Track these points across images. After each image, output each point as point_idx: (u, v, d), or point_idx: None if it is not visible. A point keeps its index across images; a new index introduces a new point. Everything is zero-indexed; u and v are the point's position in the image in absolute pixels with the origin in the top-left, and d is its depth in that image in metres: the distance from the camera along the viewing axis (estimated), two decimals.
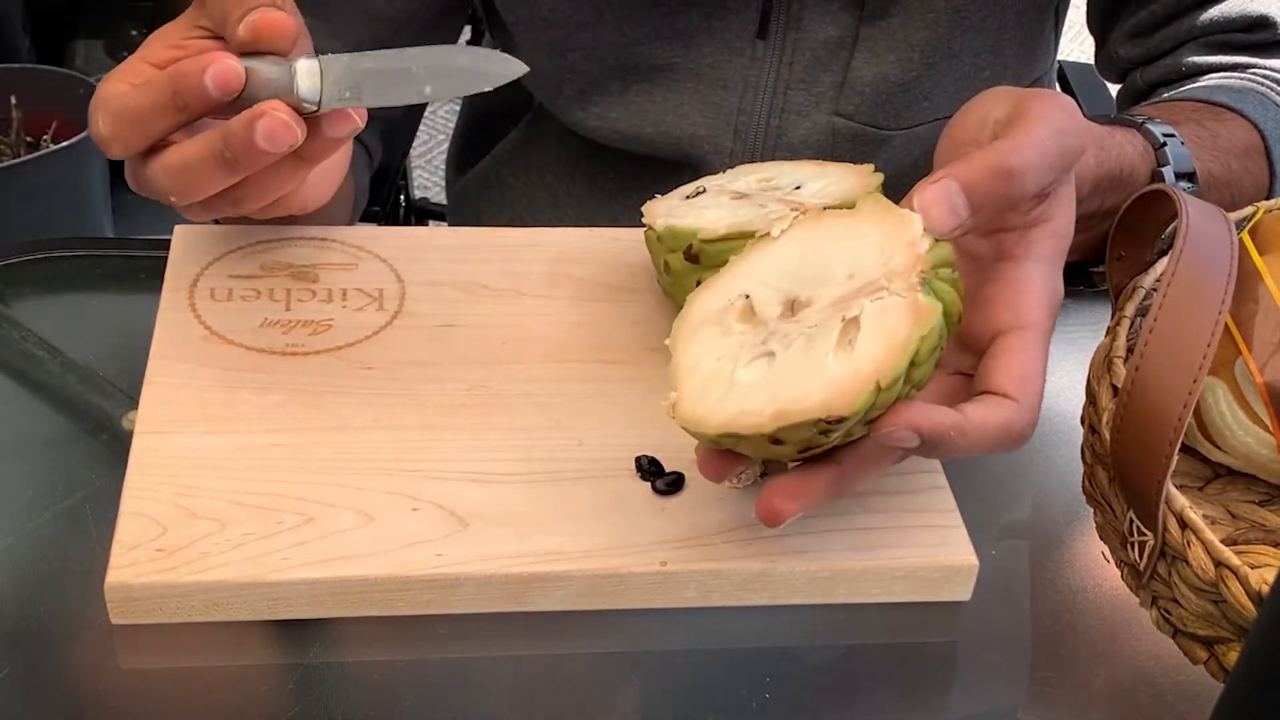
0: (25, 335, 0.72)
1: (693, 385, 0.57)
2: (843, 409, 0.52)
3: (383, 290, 0.72)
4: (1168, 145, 0.75)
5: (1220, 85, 0.85)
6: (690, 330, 0.59)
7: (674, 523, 0.61)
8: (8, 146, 1.69)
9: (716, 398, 0.56)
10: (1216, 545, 0.53)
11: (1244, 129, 0.81)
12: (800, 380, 0.54)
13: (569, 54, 0.88)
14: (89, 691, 0.57)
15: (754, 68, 0.87)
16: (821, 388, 0.53)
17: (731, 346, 0.57)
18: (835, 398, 0.53)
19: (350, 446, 0.63)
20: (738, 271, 0.59)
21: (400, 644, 0.59)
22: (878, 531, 0.62)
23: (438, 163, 2.48)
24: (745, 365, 0.56)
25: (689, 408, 0.56)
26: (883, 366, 0.53)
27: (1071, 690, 0.60)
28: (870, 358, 0.53)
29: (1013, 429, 0.56)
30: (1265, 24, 0.88)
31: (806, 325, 0.56)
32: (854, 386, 0.53)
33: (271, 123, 0.58)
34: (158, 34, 0.66)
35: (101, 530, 0.59)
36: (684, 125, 0.89)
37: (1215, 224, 0.61)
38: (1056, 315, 0.60)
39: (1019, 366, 0.57)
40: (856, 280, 0.56)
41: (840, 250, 0.57)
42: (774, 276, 0.58)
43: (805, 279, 0.57)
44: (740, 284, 0.59)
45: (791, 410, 0.53)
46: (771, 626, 0.61)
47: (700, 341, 0.58)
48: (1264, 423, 0.62)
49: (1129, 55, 0.93)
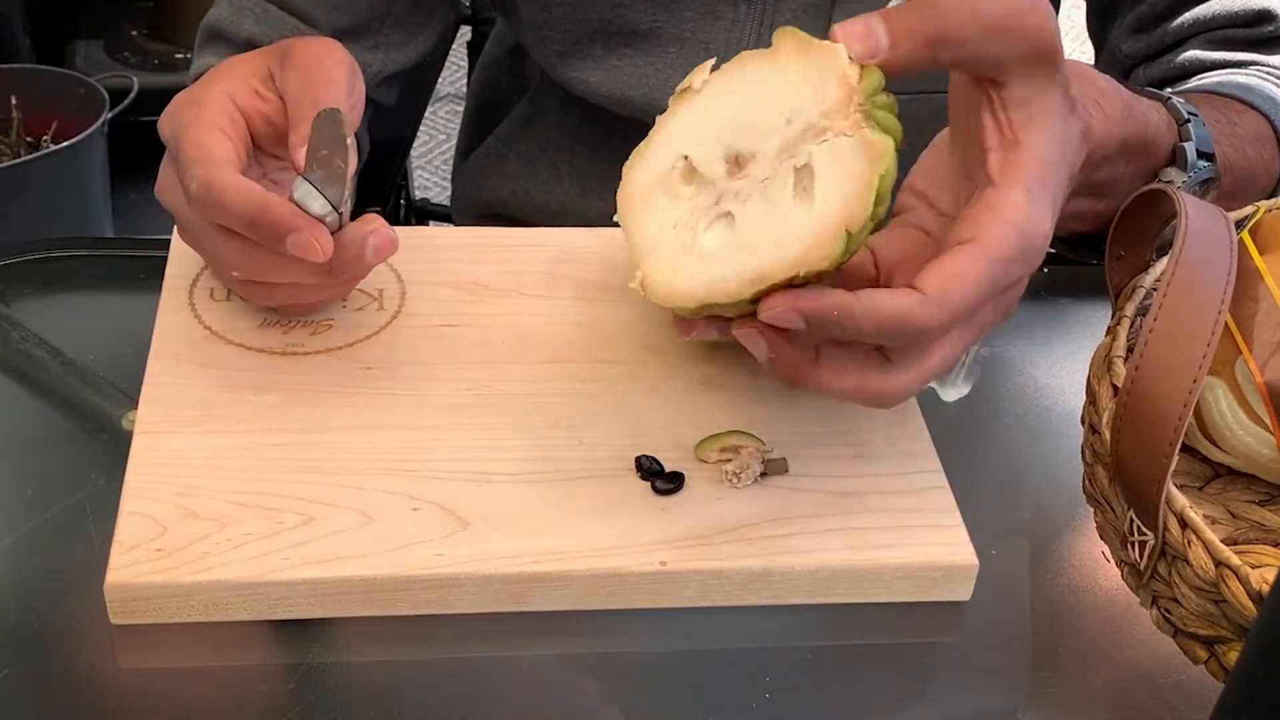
0: (25, 335, 0.72)
1: (658, 257, 0.56)
2: (820, 262, 0.52)
3: (383, 290, 0.72)
4: (1191, 123, 0.74)
5: (1228, 80, 0.85)
6: (637, 203, 0.58)
7: (674, 523, 0.61)
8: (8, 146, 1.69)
9: (686, 269, 0.55)
10: (1217, 545, 0.53)
11: (1256, 119, 0.81)
12: (768, 239, 0.54)
13: (553, 8, 0.88)
14: (89, 691, 0.57)
15: (736, 29, 0.88)
16: (793, 243, 0.53)
17: (684, 211, 0.56)
18: (810, 252, 0.53)
19: (350, 446, 0.63)
20: (668, 133, 0.58)
21: (400, 644, 0.59)
22: (878, 531, 0.62)
23: (438, 163, 2.48)
24: (706, 229, 0.56)
25: (660, 281, 0.56)
26: (851, 210, 0.52)
27: (1071, 690, 0.60)
28: (835, 204, 0.53)
29: (912, 319, 0.55)
30: (1267, 17, 0.88)
31: (757, 179, 0.55)
32: (826, 237, 0.53)
33: (380, 239, 0.62)
34: (238, 67, 0.69)
35: (101, 530, 0.59)
36: (666, 88, 0.89)
37: (1215, 224, 0.61)
38: (1032, 245, 0.57)
39: (945, 268, 0.56)
40: (796, 124, 0.55)
41: (770, 95, 0.56)
42: (708, 132, 0.57)
43: (741, 130, 0.56)
44: (675, 145, 0.58)
45: (769, 272, 0.53)
46: (771, 626, 0.61)
47: (651, 211, 0.57)
48: (1264, 423, 0.62)
49: (1131, 50, 0.93)
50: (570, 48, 0.90)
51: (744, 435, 0.64)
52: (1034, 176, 0.58)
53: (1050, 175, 0.58)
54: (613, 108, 0.91)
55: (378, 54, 0.88)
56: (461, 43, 1.67)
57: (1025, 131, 0.58)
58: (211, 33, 0.86)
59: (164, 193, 0.68)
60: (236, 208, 0.61)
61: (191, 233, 0.66)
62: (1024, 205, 0.57)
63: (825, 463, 0.65)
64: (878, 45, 0.55)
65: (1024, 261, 0.58)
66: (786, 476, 0.64)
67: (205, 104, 0.66)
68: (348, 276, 0.65)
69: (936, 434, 0.67)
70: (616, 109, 0.91)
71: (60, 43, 1.99)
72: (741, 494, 0.63)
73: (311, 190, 0.61)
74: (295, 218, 0.60)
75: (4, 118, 1.68)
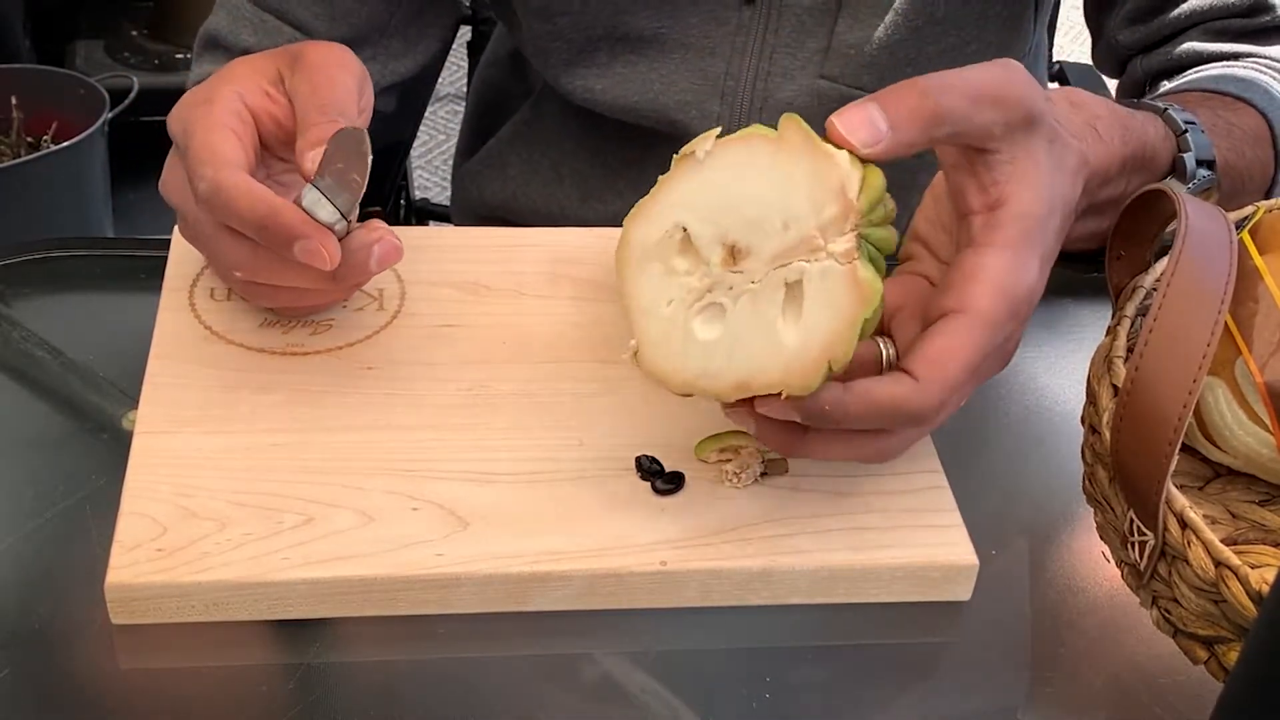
0: (25, 335, 0.72)
1: (650, 332, 0.60)
2: (799, 389, 0.56)
3: (383, 290, 0.72)
4: (1189, 132, 0.74)
5: (1225, 74, 0.85)
6: (634, 265, 0.61)
7: (674, 523, 0.61)
8: (8, 146, 1.69)
9: (677, 353, 0.59)
10: (1217, 545, 0.53)
11: (1253, 117, 0.81)
12: (755, 351, 0.57)
13: (557, 19, 0.88)
14: (89, 691, 0.57)
15: (740, 34, 0.88)
16: (777, 365, 0.57)
17: (679, 290, 0.60)
18: (791, 376, 0.56)
19: (350, 446, 0.63)
20: (669, 196, 0.60)
21: (400, 644, 0.59)
22: (878, 531, 0.62)
23: (438, 163, 2.48)
24: (698, 316, 0.59)
25: (651, 358, 0.60)
26: (834, 347, 0.56)
27: (1071, 690, 0.60)
28: (819, 336, 0.56)
29: (905, 406, 0.56)
30: (1264, 7, 0.88)
31: (750, 280, 0.58)
32: (807, 365, 0.56)
33: (386, 248, 0.62)
34: (248, 67, 0.69)
35: (101, 530, 0.59)
36: (671, 93, 0.89)
37: (1215, 224, 0.61)
38: (1020, 303, 0.58)
39: (935, 348, 0.57)
40: (792, 232, 0.57)
41: (770, 190, 0.58)
42: (707, 208, 0.59)
43: (740, 221, 0.58)
44: (675, 213, 0.60)
45: (751, 384, 0.57)
46: (771, 626, 0.61)
47: (647, 279, 0.61)
48: (1264, 423, 0.62)
49: (1128, 41, 0.93)
50: (575, 56, 0.90)
51: (744, 435, 0.64)
52: (1017, 234, 0.59)
53: (1037, 230, 0.59)
54: (617, 115, 0.91)
55: (376, 64, 0.88)
56: (461, 43, 1.67)
57: (1009, 189, 0.59)
58: (209, 41, 0.87)
59: (168, 188, 0.68)
60: (245, 210, 0.61)
61: (195, 230, 0.66)
62: (1006, 266, 0.58)
63: (825, 463, 0.65)
64: (879, 133, 0.56)
65: (1013, 320, 0.59)
66: (786, 476, 0.64)
67: (215, 103, 0.66)
68: (351, 283, 0.65)
69: (936, 434, 0.67)
70: (621, 116, 0.91)
71: (60, 43, 1.99)
72: (741, 494, 0.63)
73: (320, 198, 0.61)
74: (304, 224, 0.60)
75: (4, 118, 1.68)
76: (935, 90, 0.57)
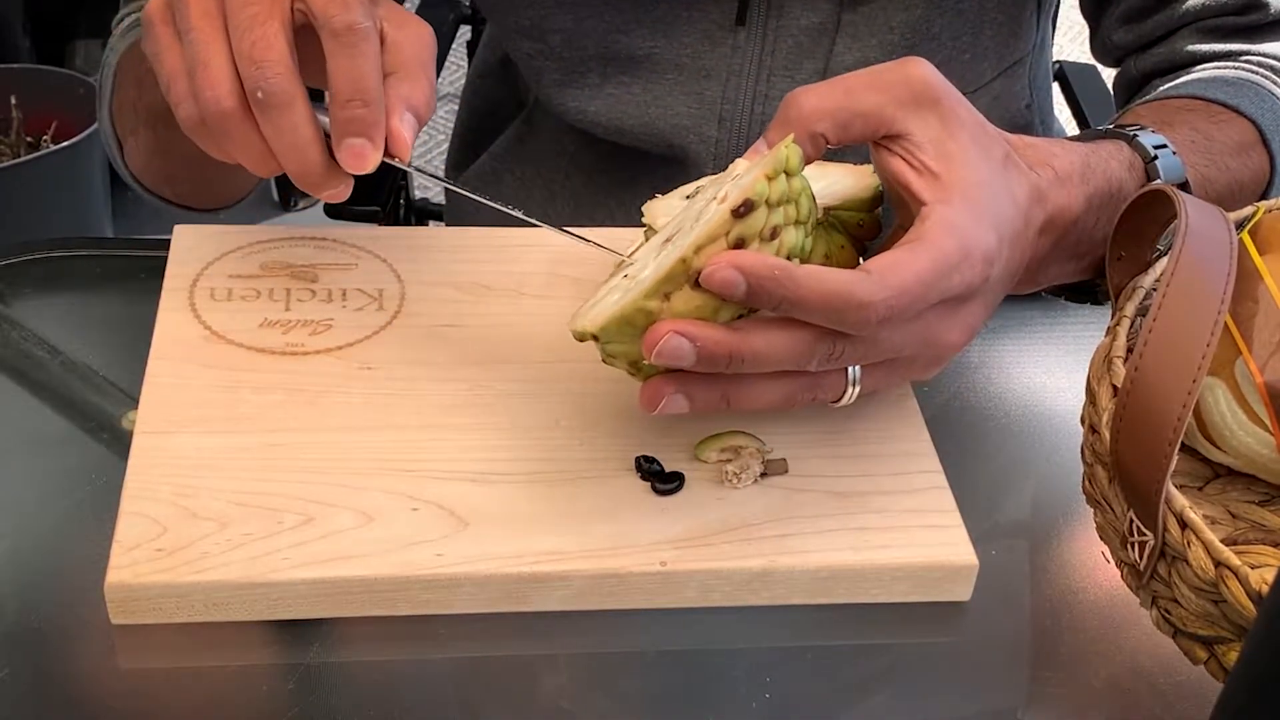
0: (25, 335, 0.72)
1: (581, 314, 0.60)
2: (702, 239, 0.55)
3: (383, 290, 0.72)
4: (1159, 158, 0.74)
5: (1215, 79, 0.84)
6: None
7: (674, 523, 0.61)
8: (8, 146, 1.69)
9: (597, 299, 0.59)
10: (1216, 545, 0.53)
11: (1239, 126, 0.81)
12: (664, 257, 0.57)
13: (549, 36, 0.88)
14: (89, 691, 0.57)
15: (736, 56, 0.87)
16: (687, 245, 0.56)
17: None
18: (697, 239, 0.55)
19: (350, 446, 0.63)
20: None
21: (400, 644, 0.59)
22: (878, 531, 0.62)
23: (438, 163, 2.48)
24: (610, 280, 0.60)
25: (574, 323, 0.59)
26: (732, 198, 0.55)
27: (1071, 690, 0.60)
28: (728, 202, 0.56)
29: (853, 295, 0.56)
30: (1256, 5, 0.88)
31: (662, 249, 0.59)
32: (712, 225, 0.55)
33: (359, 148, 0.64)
34: None
35: (101, 530, 0.59)
36: (667, 116, 0.89)
37: (1215, 224, 0.61)
38: (972, 253, 0.59)
39: (889, 256, 0.58)
40: (704, 216, 0.57)
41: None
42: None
43: (679, 222, 0.60)
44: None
45: (672, 261, 0.55)
46: (771, 626, 0.61)
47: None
48: (1264, 423, 0.62)
49: (1122, 41, 0.93)
50: (567, 76, 0.90)
51: (744, 435, 0.64)
52: (962, 192, 0.60)
53: (984, 193, 0.61)
54: (611, 137, 0.91)
55: None
56: (461, 42, 1.68)
57: (942, 163, 0.61)
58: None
59: (160, 11, 0.64)
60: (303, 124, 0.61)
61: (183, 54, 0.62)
62: (959, 216, 0.59)
63: (825, 463, 0.65)
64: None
65: (965, 269, 0.59)
66: (786, 476, 0.64)
67: None
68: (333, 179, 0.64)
69: (936, 434, 0.67)
70: (615, 138, 0.91)
71: (60, 43, 1.99)
72: (741, 494, 0.63)
73: None
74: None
75: (4, 118, 1.69)
76: (805, 95, 0.61)
